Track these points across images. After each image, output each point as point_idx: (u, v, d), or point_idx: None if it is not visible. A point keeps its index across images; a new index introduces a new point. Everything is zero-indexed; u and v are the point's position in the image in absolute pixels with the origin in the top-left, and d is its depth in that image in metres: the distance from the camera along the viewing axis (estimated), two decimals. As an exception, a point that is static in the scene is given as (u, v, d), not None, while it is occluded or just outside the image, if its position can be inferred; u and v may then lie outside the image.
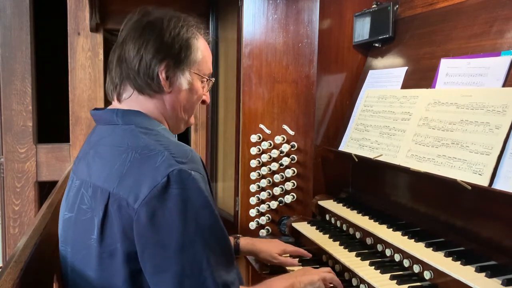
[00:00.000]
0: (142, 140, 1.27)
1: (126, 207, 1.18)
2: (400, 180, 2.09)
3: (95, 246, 1.23)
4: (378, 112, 2.17)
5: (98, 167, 1.29)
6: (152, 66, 1.34)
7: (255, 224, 2.47)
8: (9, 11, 3.23)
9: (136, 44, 1.35)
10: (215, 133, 3.30)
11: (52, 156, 3.38)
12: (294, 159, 2.44)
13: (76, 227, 1.32)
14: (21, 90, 3.28)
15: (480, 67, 1.77)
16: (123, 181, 1.20)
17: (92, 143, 1.39)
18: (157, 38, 1.36)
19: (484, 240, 1.62)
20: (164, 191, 1.16)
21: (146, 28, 1.37)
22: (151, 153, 1.22)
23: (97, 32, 3.41)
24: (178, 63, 1.37)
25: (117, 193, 1.20)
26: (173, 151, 1.23)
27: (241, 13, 2.51)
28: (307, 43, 2.44)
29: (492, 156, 1.52)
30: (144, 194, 1.16)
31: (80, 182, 1.34)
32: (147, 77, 1.35)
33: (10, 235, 3.31)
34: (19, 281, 1.14)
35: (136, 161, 1.22)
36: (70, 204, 1.36)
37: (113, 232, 1.21)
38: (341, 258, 1.87)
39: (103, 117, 1.40)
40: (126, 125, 1.33)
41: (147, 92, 1.37)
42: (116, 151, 1.27)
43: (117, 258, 1.21)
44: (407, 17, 2.28)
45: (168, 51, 1.36)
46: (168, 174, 1.17)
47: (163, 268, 1.17)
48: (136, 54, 1.35)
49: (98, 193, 1.24)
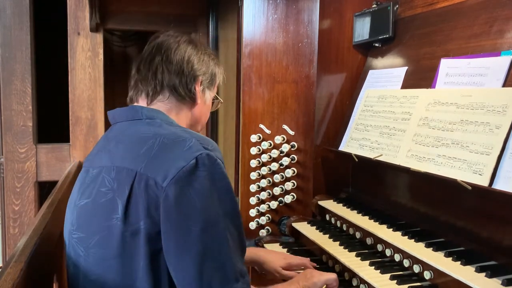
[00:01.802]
0: (168, 129, 1.35)
1: (154, 186, 1.22)
2: (400, 180, 2.09)
3: (119, 225, 1.25)
4: (378, 112, 2.17)
5: (122, 152, 1.34)
6: (190, 76, 1.48)
7: (255, 224, 2.47)
8: (9, 11, 3.23)
9: (178, 56, 1.48)
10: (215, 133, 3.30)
11: (52, 156, 3.38)
12: (294, 159, 2.44)
13: (93, 210, 1.33)
14: (21, 90, 3.28)
15: (480, 67, 1.77)
16: (152, 162, 1.25)
17: (112, 137, 1.43)
18: (197, 55, 1.52)
19: (484, 240, 1.62)
20: (193, 172, 1.22)
21: (183, 42, 1.51)
22: (179, 139, 1.29)
23: (97, 32, 3.41)
24: (209, 79, 1.55)
25: (145, 173, 1.24)
26: (200, 139, 1.30)
27: (241, 13, 2.51)
28: (307, 43, 2.44)
29: (492, 156, 1.52)
30: (173, 174, 1.21)
31: (99, 170, 1.36)
32: (183, 84, 1.48)
33: (10, 235, 3.31)
34: (19, 281, 1.15)
35: (164, 145, 1.28)
36: (87, 191, 1.37)
37: (137, 211, 1.24)
38: (341, 258, 1.87)
39: (125, 113, 1.45)
40: (151, 119, 1.40)
41: (182, 101, 1.49)
42: (142, 138, 1.32)
43: (139, 237, 1.24)
44: (407, 17, 2.28)
45: (206, 67, 1.53)
46: (197, 157, 1.23)
47: (186, 247, 1.21)
48: (179, 65, 1.48)
49: (123, 174, 1.28)
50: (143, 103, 1.48)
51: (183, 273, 1.22)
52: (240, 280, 1.26)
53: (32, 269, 1.29)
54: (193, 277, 1.21)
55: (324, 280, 1.68)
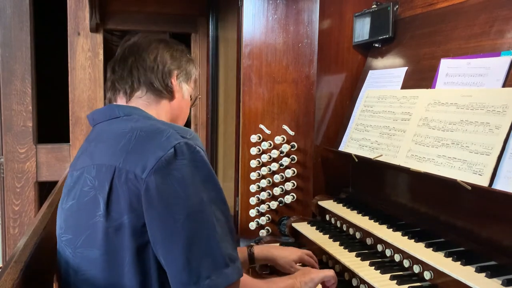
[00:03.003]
0: (146, 122, 1.35)
1: (134, 179, 1.22)
2: (400, 180, 2.09)
3: (102, 222, 1.26)
4: (378, 112, 2.17)
5: (101, 150, 1.34)
6: (164, 72, 1.50)
7: (255, 224, 2.47)
8: (9, 11, 3.23)
9: (151, 54, 1.51)
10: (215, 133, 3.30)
11: (52, 156, 3.38)
12: (294, 159, 2.44)
13: (78, 210, 1.34)
14: (21, 90, 3.28)
15: (480, 67, 1.77)
16: (130, 156, 1.25)
17: (92, 138, 1.44)
18: (171, 52, 1.54)
19: (484, 240, 1.62)
20: (172, 161, 1.22)
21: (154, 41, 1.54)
22: (157, 130, 1.29)
23: (97, 32, 3.41)
24: (183, 74, 1.56)
25: (124, 167, 1.24)
26: (177, 129, 1.30)
27: (241, 13, 2.51)
28: (307, 43, 2.44)
29: (492, 156, 1.52)
30: (152, 164, 1.21)
31: (82, 171, 1.37)
32: (159, 81, 1.49)
33: (10, 235, 3.31)
34: (19, 281, 1.14)
35: (142, 138, 1.28)
36: (72, 193, 1.38)
37: (119, 206, 1.24)
38: (341, 258, 1.87)
39: (103, 113, 1.46)
40: (128, 116, 1.41)
41: (160, 96, 1.50)
42: (120, 133, 1.33)
43: (123, 232, 1.24)
44: (407, 17, 2.28)
45: (179, 62, 1.55)
46: (175, 146, 1.23)
47: (172, 236, 1.20)
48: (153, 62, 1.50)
49: (102, 170, 1.28)
50: (122, 102, 1.49)
51: (172, 262, 1.21)
52: (230, 265, 1.24)
53: (32, 269, 1.29)
54: (182, 264, 1.20)
55: (322, 276, 1.69)
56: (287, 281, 1.61)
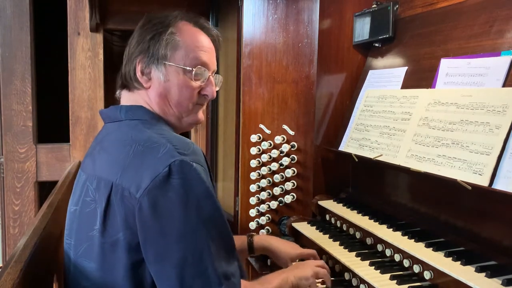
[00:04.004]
0: (145, 133, 1.31)
1: (128, 197, 1.20)
2: (400, 180, 2.09)
3: (98, 237, 1.25)
4: (378, 112, 2.17)
5: (102, 160, 1.33)
6: (130, 62, 1.41)
7: (255, 224, 2.47)
8: (9, 11, 3.23)
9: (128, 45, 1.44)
10: (215, 133, 3.30)
11: (52, 156, 3.38)
12: (294, 159, 2.44)
13: (80, 219, 1.34)
14: (21, 90, 3.28)
15: (480, 67, 1.77)
16: (126, 172, 1.23)
17: (99, 139, 1.44)
18: (139, 35, 1.42)
19: (484, 240, 1.62)
20: (166, 181, 1.19)
21: (137, 29, 1.45)
22: (154, 145, 1.25)
23: (97, 32, 3.40)
24: (149, 56, 1.39)
25: (120, 184, 1.22)
26: (176, 144, 1.26)
27: (241, 13, 2.51)
28: (307, 43, 2.44)
29: (492, 156, 1.52)
30: (146, 184, 1.18)
31: (86, 177, 1.37)
32: (128, 73, 1.42)
33: (10, 235, 3.30)
34: (19, 281, 1.14)
35: (139, 153, 1.25)
36: (76, 197, 1.39)
37: (115, 222, 1.23)
38: (341, 258, 1.87)
39: (109, 115, 1.45)
40: (130, 120, 1.38)
41: (132, 88, 1.44)
42: (120, 144, 1.31)
43: (119, 249, 1.23)
44: (407, 17, 2.28)
45: (143, 46, 1.40)
46: (170, 164, 1.20)
47: (165, 256, 1.19)
48: (125, 54, 1.44)
49: (101, 185, 1.27)
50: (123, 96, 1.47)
51: (165, 281, 1.21)
52: (224, 283, 1.22)
53: (32, 269, 1.28)
54: (174, 284, 1.19)
55: (316, 271, 1.66)
56: (280, 276, 1.57)
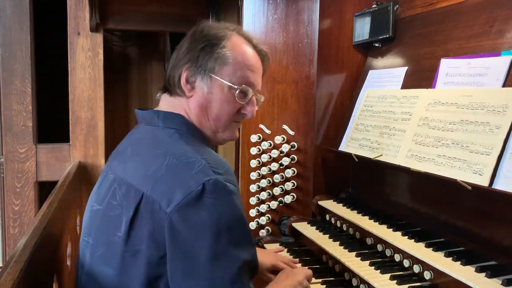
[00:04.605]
0: (181, 147, 1.29)
1: (158, 211, 1.18)
2: (400, 180, 2.09)
3: (120, 244, 1.23)
4: (378, 112, 2.17)
5: (134, 166, 1.30)
6: (177, 68, 1.39)
7: (255, 224, 2.47)
8: (9, 11, 3.23)
9: (176, 50, 1.43)
10: (215, 133, 3.29)
11: (52, 156, 3.39)
12: (294, 159, 2.44)
13: (102, 220, 1.32)
14: (21, 90, 3.28)
15: (480, 67, 1.77)
16: (158, 184, 1.20)
17: (132, 141, 1.41)
18: (190, 43, 1.40)
19: (484, 240, 1.62)
20: (199, 199, 1.16)
21: (188, 36, 1.43)
22: (189, 160, 1.22)
23: (97, 32, 3.41)
24: (197, 66, 1.37)
25: (151, 196, 1.20)
26: (210, 161, 1.23)
27: (241, 13, 2.51)
28: (307, 43, 2.44)
29: (492, 156, 1.52)
30: (178, 200, 1.16)
31: (114, 177, 1.34)
32: (172, 78, 1.40)
33: (10, 235, 3.31)
34: (19, 281, 1.14)
35: (173, 166, 1.22)
36: (101, 197, 1.36)
37: (141, 233, 1.21)
38: (341, 258, 1.87)
39: (145, 117, 1.43)
40: (167, 129, 1.36)
41: (173, 93, 1.42)
42: (154, 153, 1.28)
43: (139, 260, 1.21)
44: (407, 17, 2.28)
45: (192, 54, 1.38)
46: (204, 183, 1.17)
47: (193, 275, 1.16)
48: (172, 57, 1.43)
49: (131, 192, 1.24)
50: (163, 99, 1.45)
51: None
52: None
53: (32, 269, 1.28)
54: None
55: (309, 275, 1.64)
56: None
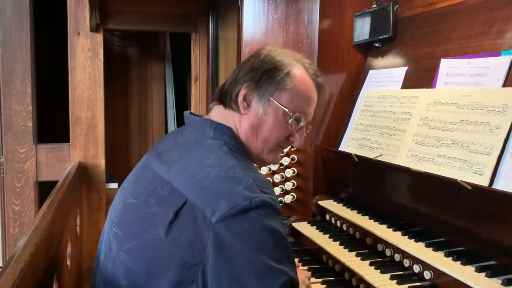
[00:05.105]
0: (229, 160, 1.29)
1: (202, 220, 1.16)
2: (400, 180, 2.09)
3: (153, 243, 1.22)
4: (378, 112, 2.17)
5: (180, 170, 1.29)
6: (237, 83, 1.41)
7: (255, 224, 2.47)
8: (9, 11, 3.23)
9: (239, 66, 1.45)
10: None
11: (52, 156, 3.39)
12: (294, 159, 2.44)
13: (137, 215, 1.30)
14: (21, 90, 3.28)
15: (480, 67, 1.77)
16: (203, 193, 1.19)
17: (180, 143, 1.40)
18: (255, 63, 1.42)
19: (484, 240, 1.62)
20: (245, 213, 1.15)
21: (254, 55, 1.45)
22: (236, 176, 1.22)
23: (97, 32, 3.41)
24: (257, 87, 1.39)
25: (195, 203, 1.19)
26: (257, 179, 1.23)
27: (241, 13, 2.52)
28: (307, 43, 2.44)
29: (492, 156, 1.52)
30: (223, 211, 1.15)
31: (156, 176, 1.32)
32: (229, 92, 1.42)
33: (10, 235, 3.31)
34: (19, 281, 1.14)
35: (220, 178, 1.22)
36: (138, 191, 1.34)
37: (178, 238, 1.19)
38: (341, 258, 1.87)
39: (195, 123, 1.43)
40: (217, 140, 1.36)
41: (228, 106, 1.43)
42: (202, 162, 1.27)
43: (173, 263, 1.19)
44: (407, 17, 2.28)
45: (255, 74, 1.40)
46: (251, 199, 1.16)
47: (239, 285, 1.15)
48: (233, 73, 1.44)
49: (174, 196, 1.23)
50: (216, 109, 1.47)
51: None
52: None
53: (32, 269, 1.28)
54: None
55: (308, 275, 1.65)
56: None
